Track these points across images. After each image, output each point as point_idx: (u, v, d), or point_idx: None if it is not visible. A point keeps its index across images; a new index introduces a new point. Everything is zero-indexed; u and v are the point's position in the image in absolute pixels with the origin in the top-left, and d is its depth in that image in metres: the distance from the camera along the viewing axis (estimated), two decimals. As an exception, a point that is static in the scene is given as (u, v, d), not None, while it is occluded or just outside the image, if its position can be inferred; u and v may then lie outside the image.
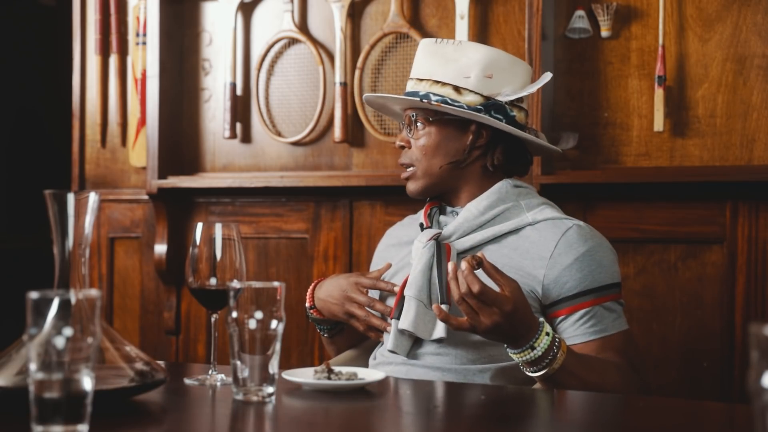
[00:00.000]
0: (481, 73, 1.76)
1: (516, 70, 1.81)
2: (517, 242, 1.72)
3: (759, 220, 2.41)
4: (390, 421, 1.26)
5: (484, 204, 1.76)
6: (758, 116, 2.43)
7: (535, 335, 1.50)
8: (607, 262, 1.71)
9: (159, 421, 1.22)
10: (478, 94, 1.76)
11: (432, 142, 1.78)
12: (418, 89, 1.78)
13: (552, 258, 1.68)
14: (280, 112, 3.00)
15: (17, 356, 1.18)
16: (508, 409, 1.34)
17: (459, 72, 1.76)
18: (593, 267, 1.68)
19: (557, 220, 1.74)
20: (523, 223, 1.73)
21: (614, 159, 2.58)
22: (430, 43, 1.82)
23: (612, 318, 1.68)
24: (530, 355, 1.50)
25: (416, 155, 1.79)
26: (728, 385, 2.43)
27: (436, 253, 1.70)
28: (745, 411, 1.28)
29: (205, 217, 3.08)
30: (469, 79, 1.76)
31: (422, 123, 1.79)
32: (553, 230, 1.71)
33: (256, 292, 1.24)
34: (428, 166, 1.78)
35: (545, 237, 1.71)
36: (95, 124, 3.25)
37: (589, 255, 1.69)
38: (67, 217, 1.18)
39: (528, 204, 1.78)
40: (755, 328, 0.76)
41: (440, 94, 1.76)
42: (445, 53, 1.79)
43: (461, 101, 1.75)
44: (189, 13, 3.13)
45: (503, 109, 1.77)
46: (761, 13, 2.43)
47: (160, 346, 3.14)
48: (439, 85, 1.77)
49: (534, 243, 1.71)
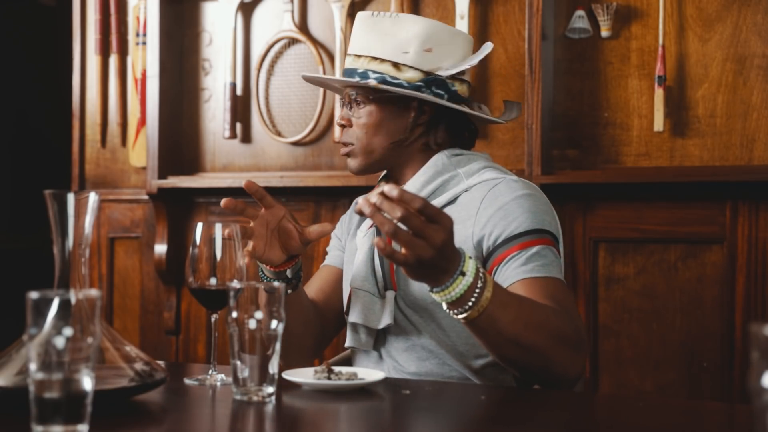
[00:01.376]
0: (420, 47, 1.70)
1: (456, 41, 1.74)
2: (455, 210, 1.65)
3: (759, 220, 2.41)
4: (390, 421, 1.26)
5: (422, 180, 1.69)
6: (758, 116, 2.43)
7: (458, 267, 1.30)
8: (536, 209, 1.60)
9: (159, 421, 1.22)
10: (417, 69, 1.70)
11: (373, 120, 1.72)
12: (356, 66, 1.73)
13: (478, 214, 1.60)
14: (280, 112, 3.00)
15: (17, 356, 1.18)
16: (508, 409, 1.34)
17: (397, 47, 1.71)
18: (518, 213, 1.58)
19: (490, 180, 1.66)
20: (460, 190, 1.67)
21: (614, 159, 2.58)
22: (367, 16, 1.77)
23: (543, 262, 1.54)
24: (454, 293, 1.30)
25: (357, 134, 1.73)
26: (728, 385, 2.43)
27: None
28: (745, 411, 1.28)
29: (205, 217, 3.08)
30: (407, 54, 1.70)
31: (362, 101, 1.73)
32: (482, 188, 1.64)
33: (256, 292, 1.24)
34: (368, 144, 1.73)
35: (475, 197, 1.63)
36: (95, 124, 3.25)
37: (515, 202, 1.59)
38: (67, 217, 1.18)
39: (467, 171, 1.70)
40: (755, 328, 0.76)
41: (379, 71, 1.70)
42: (383, 27, 1.73)
43: (401, 78, 1.69)
44: (189, 13, 3.13)
45: (444, 84, 1.71)
46: (761, 13, 2.43)
47: (160, 346, 3.14)
48: (377, 61, 1.71)
49: (465, 206, 1.64)
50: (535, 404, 1.38)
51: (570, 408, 1.36)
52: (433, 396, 1.41)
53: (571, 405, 1.38)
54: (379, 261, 1.66)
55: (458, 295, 1.30)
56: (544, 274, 1.52)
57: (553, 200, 1.89)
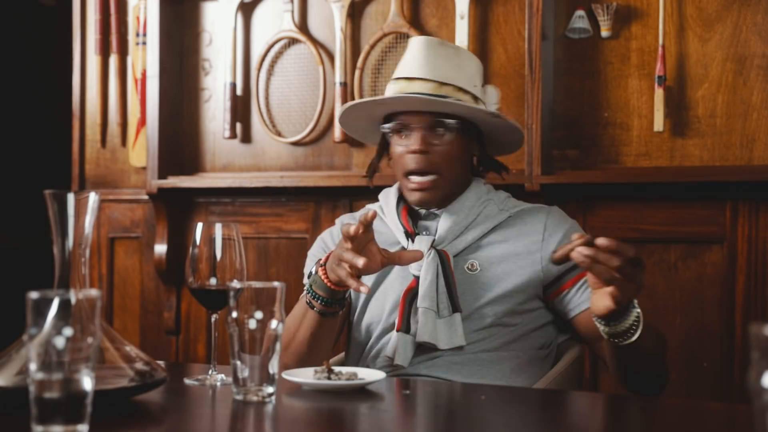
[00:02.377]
0: (480, 82, 1.81)
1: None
2: (504, 234, 1.77)
3: (759, 220, 2.41)
4: (390, 421, 1.26)
5: (468, 205, 1.78)
6: (758, 116, 2.43)
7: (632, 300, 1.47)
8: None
9: (159, 421, 1.22)
10: (484, 103, 1.80)
11: (456, 150, 1.76)
12: (442, 92, 1.73)
13: (545, 239, 1.74)
14: (280, 112, 3.00)
15: (17, 356, 1.18)
16: (508, 409, 1.34)
17: (469, 80, 1.77)
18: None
19: (533, 208, 1.82)
20: (504, 217, 1.78)
21: (614, 159, 2.58)
22: (435, 43, 1.77)
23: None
24: (627, 323, 1.47)
25: (440, 162, 1.74)
26: (728, 385, 2.43)
27: (440, 262, 1.71)
28: (745, 411, 1.28)
29: (205, 217, 3.08)
30: (477, 87, 1.79)
31: (445, 129, 1.74)
32: (536, 216, 1.78)
33: (256, 292, 1.24)
34: (454, 175, 1.77)
35: (530, 222, 1.77)
36: (95, 124, 3.25)
37: (574, 228, 1.77)
38: (67, 217, 1.18)
39: (498, 198, 1.83)
40: (755, 328, 0.76)
41: (464, 101, 1.74)
42: (451, 57, 1.77)
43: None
44: (189, 13, 3.13)
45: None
46: (761, 13, 2.43)
47: (160, 346, 3.14)
48: (461, 92, 1.75)
49: (521, 230, 1.76)
50: (535, 404, 1.38)
51: (570, 408, 1.36)
52: (434, 396, 1.41)
53: (571, 405, 1.38)
54: (444, 282, 1.70)
55: (628, 325, 1.47)
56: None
57: (553, 200, 1.90)
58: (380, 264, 1.58)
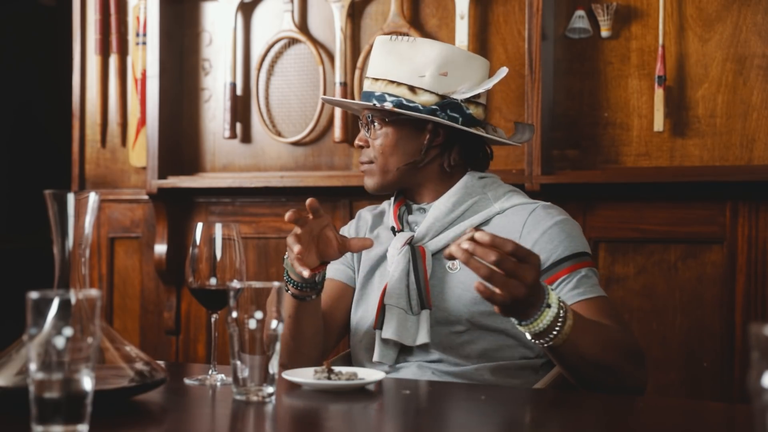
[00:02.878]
0: (436, 71, 1.75)
1: (472, 65, 1.79)
2: (489, 231, 1.70)
3: (759, 220, 2.41)
4: (390, 421, 1.26)
5: (452, 200, 1.76)
6: (758, 116, 2.43)
7: (544, 299, 1.38)
8: (575, 233, 1.70)
9: (159, 421, 1.22)
10: (433, 93, 1.75)
11: (389, 141, 1.78)
12: (373, 89, 1.78)
13: (521, 237, 1.68)
14: (280, 112, 3.00)
15: (17, 356, 1.18)
16: (507, 409, 1.34)
17: (414, 71, 1.76)
18: (563, 237, 1.67)
19: (523, 205, 1.75)
20: (492, 214, 1.75)
21: (614, 159, 2.58)
22: (386, 40, 1.82)
23: (591, 283, 1.64)
24: (542, 324, 1.38)
25: (374, 154, 1.80)
26: (728, 385, 2.43)
27: (412, 258, 1.71)
28: (745, 411, 1.28)
29: (205, 217, 3.08)
30: (424, 78, 1.75)
31: (379, 123, 1.79)
32: (520, 213, 1.73)
33: (256, 292, 1.24)
34: (384, 164, 1.79)
35: (513, 221, 1.72)
36: (95, 124, 3.25)
37: (557, 227, 1.68)
38: (67, 217, 1.18)
39: (494, 194, 1.78)
40: (755, 328, 0.76)
41: (395, 94, 1.75)
42: (400, 51, 1.78)
43: (416, 101, 1.74)
44: (189, 13, 3.13)
45: (459, 108, 1.76)
46: (761, 13, 2.43)
47: (160, 346, 3.14)
48: (394, 85, 1.76)
49: (503, 228, 1.70)
50: (535, 404, 1.38)
51: (570, 408, 1.36)
52: (433, 396, 1.41)
53: (570, 405, 1.38)
54: (414, 279, 1.70)
55: (545, 326, 1.38)
56: (595, 294, 1.63)
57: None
58: (337, 250, 1.64)
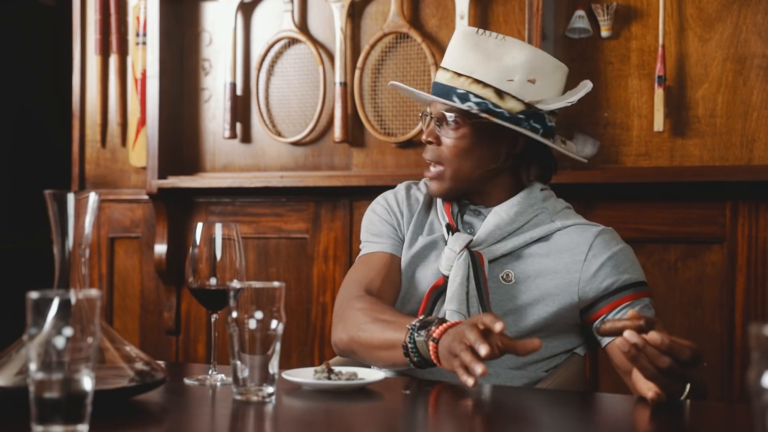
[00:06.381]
0: (524, 77, 1.65)
1: (558, 74, 1.72)
2: (548, 247, 1.67)
3: (759, 220, 2.41)
4: (390, 421, 1.26)
5: (515, 210, 1.69)
6: (758, 116, 2.43)
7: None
8: (637, 262, 1.68)
9: (159, 421, 1.22)
10: (519, 100, 1.65)
11: (464, 144, 1.67)
12: (454, 85, 1.66)
13: (587, 260, 1.64)
14: (280, 112, 3.00)
15: (17, 356, 1.18)
16: (508, 409, 1.34)
17: (502, 73, 1.65)
18: (627, 265, 1.65)
19: (585, 225, 1.70)
20: (553, 229, 1.69)
21: (614, 159, 2.58)
22: (471, 33, 1.70)
23: (652, 314, 1.62)
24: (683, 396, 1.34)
25: (446, 155, 1.68)
26: (728, 385, 2.43)
27: (471, 264, 1.63)
28: (745, 411, 1.28)
29: (205, 217, 3.08)
30: (512, 82, 1.65)
31: (456, 122, 1.67)
32: (583, 234, 1.67)
33: (256, 292, 1.24)
34: (457, 169, 1.68)
35: (576, 241, 1.66)
36: (95, 124, 3.25)
37: (622, 253, 1.66)
38: (67, 217, 1.18)
39: (553, 208, 1.73)
40: (755, 328, 0.76)
41: (481, 96, 1.64)
42: (488, 48, 1.67)
43: (503, 107, 1.65)
44: (189, 13, 3.13)
45: (542, 118, 1.68)
46: (761, 13, 2.43)
47: (160, 346, 3.14)
48: (479, 85, 1.65)
49: (565, 247, 1.66)
50: (536, 404, 1.38)
51: (570, 408, 1.36)
52: (433, 396, 1.41)
53: (571, 405, 1.38)
54: (475, 286, 1.63)
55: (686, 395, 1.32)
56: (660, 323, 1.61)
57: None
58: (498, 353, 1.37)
